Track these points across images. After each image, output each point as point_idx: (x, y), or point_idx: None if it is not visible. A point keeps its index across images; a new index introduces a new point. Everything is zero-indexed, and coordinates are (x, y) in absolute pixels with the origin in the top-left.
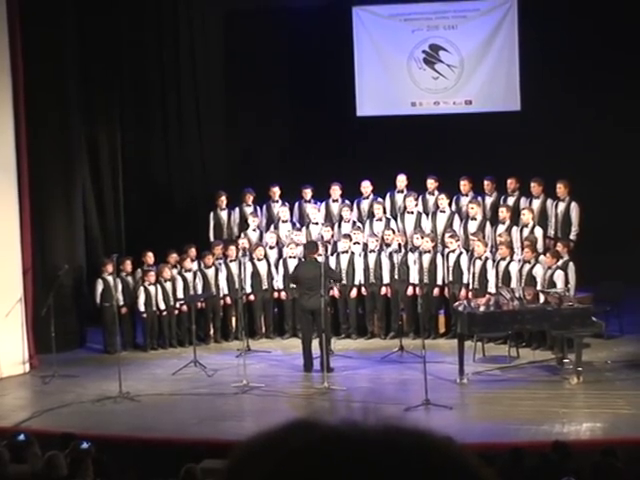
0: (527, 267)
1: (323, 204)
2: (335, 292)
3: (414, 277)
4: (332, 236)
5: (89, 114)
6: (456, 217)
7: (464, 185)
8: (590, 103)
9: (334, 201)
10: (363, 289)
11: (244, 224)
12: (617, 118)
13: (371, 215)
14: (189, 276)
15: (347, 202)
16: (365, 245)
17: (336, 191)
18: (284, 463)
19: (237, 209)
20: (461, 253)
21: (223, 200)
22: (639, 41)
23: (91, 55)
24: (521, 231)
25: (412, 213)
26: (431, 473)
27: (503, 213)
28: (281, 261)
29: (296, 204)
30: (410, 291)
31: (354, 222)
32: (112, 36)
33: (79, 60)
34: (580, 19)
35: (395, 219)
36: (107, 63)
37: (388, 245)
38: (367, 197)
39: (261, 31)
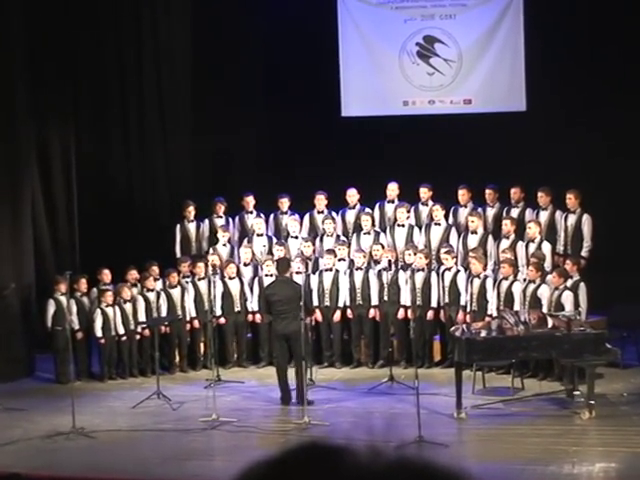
0: (532, 287)
1: (307, 216)
2: (317, 315)
3: (405, 298)
4: (313, 252)
5: (39, 115)
6: (453, 230)
7: (462, 195)
8: (607, 102)
9: (319, 212)
10: (349, 311)
11: (214, 238)
12: (638, 119)
13: (358, 228)
14: (152, 296)
15: (332, 213)
16: (351, 262)
17: (321, 201)
18: None
19: (206, 221)
20: (458, 271)
21: (191, 211)
22: None
23: (42, 49)
24: (527, 247)
25: (403, 226)
26: None
27: (507, 226)
28: (256, 280)
29: (271, 216)
30: (401, 314)
31: (338, 236)
32: (66, 30)
33: (28, 56)
34: (594, 8)
35: (384, 232)
36: (60, 58)
37: (377, 262)
38: (353, 207)
39: (235, 22)
